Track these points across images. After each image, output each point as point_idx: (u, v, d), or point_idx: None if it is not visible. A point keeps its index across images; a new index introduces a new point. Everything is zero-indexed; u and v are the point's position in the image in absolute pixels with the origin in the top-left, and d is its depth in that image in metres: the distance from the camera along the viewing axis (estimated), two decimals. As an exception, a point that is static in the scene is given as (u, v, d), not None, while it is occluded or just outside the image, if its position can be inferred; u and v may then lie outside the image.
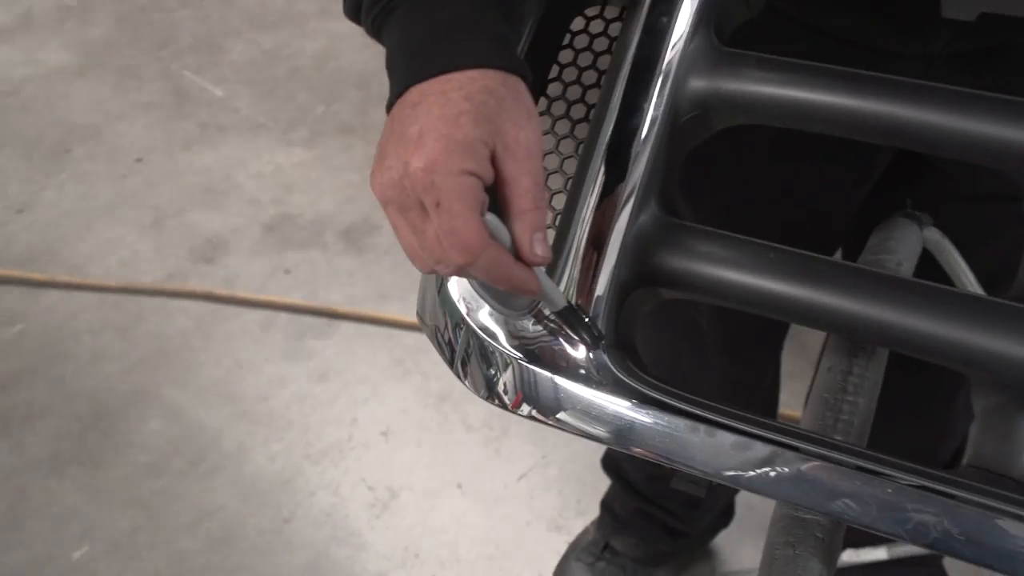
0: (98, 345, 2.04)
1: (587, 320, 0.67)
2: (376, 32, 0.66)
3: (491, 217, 0.59)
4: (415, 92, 0.60)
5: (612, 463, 1.57)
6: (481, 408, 1.89)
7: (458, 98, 0.58)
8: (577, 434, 0.69)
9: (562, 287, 0.68)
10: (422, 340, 2.01)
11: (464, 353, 0.74)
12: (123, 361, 2.01)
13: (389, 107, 0.62)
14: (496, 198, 0.61)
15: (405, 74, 0.61)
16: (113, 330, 2.07)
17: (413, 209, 0.58)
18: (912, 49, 0.82)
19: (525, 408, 0.70)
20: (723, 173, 0.92)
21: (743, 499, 1.63)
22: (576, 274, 0.69)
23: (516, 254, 0.60)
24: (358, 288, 2.16)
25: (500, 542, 1.70)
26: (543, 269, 0.63)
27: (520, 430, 1.85)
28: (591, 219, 0.69)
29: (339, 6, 0.71)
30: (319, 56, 2.87)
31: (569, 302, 0.66)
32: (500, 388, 0.71)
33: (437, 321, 0.77)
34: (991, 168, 0.65)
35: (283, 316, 2.09)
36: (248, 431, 1.87)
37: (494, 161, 0.59)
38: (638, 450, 0.65)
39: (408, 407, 1.91)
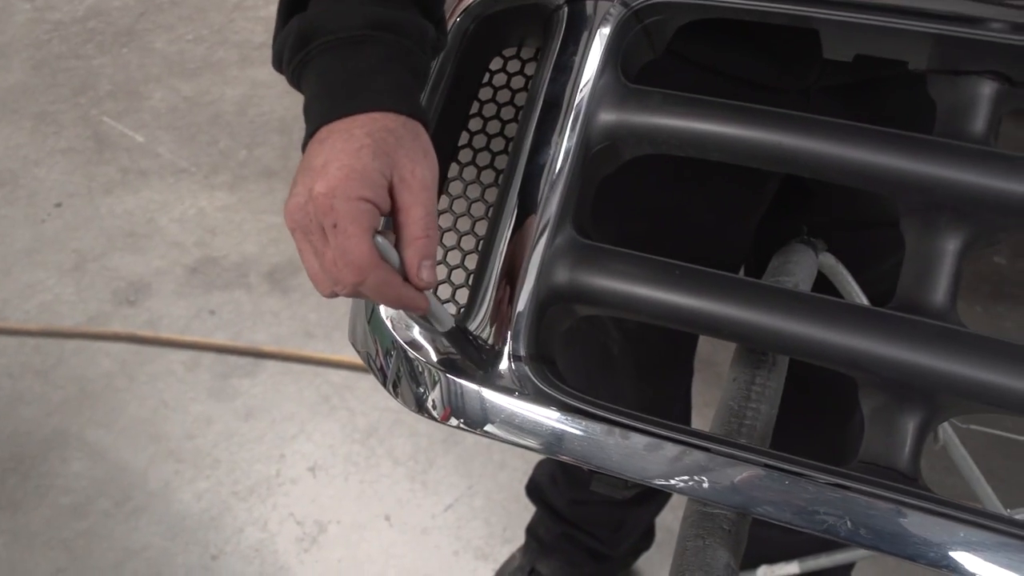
0: (18, 388, 2.01)
1: (473, 342, 0.73)
2: (296, 81, 0.72)
3: (382, 240, 0.64)
4: (324, 131, 0.67)
5: (536, 490, 1.60)
6: (407, 441, 1.91)
7: (360, 134, 0.65)
8: (504, 442, 0.72)
9: (485, 305, 0.73)
10: (348, 377, 2.03)
11: (396, 374, 0.78)
12: (44, 404, 1.98)
13: (304, 147, 0.68)
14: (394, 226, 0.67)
15: (318, 116, 0.68)
16: (33, 373, 2.04)
17: (315, 232, 0.65)
18: (791, 84, 0.89)
19: (454, 420, 0.73)
20: (626, 204, 0.98)
21: (663, 522, 1.68)
22: (498, 292, 0.73)
23: (405, 277, 0.66)
24: (283, 327, 2.17)
25: (429, 572, 1.71)
26: (431, 292, 0.69)
27: (446, 462, 1.88)
28: (512, 242, 0.74)
29: (259, 54, 0.76)
30: (240, 102, 2.88)
31: (457, 325, 0.73)
32: (430, 403, 0.75)
33: (368, 348, 0.81)
34: (870, 194, 0.71)
35: (208, 356, 2.09)
36: (175, 470, 1.86)
37: (391, 192, 0.66)
38: (560, 455, 0.69)
39: (335, 442, 1.92)
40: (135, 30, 3.18)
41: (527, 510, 1.67)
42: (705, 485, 0.65)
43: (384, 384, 0.80)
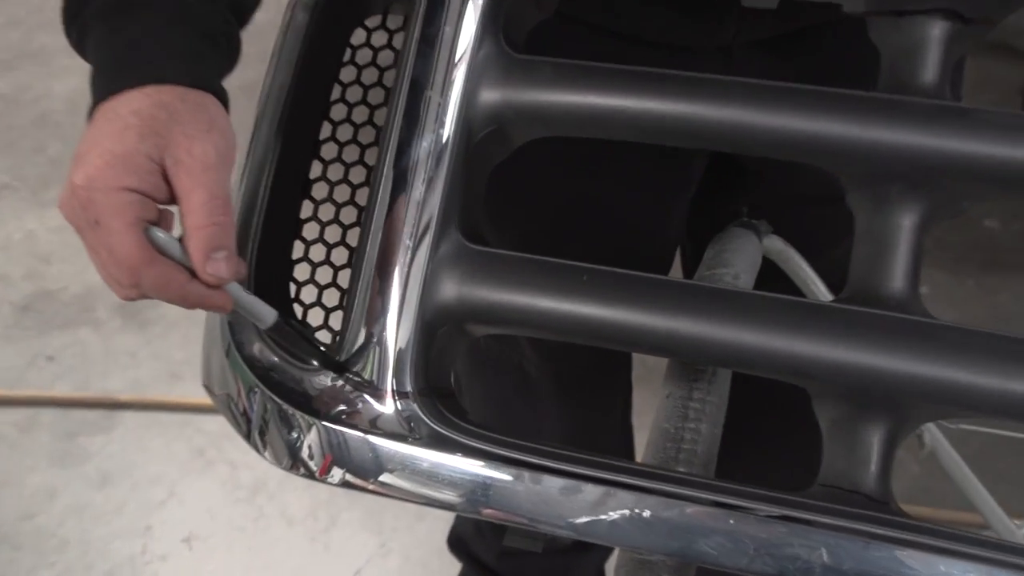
0: None
1: (303, 336, 0.75)
2: (82, 54, 0.73)
3: (159, 233, 0.66)
4: (96, 112, 0.69)
5: (460, 543, 1.60)
6: (304, 496, 1.89)
7: (126, 113, 0.67)
8: (395, 498, 0.72)
9: (360, 332, 0.72)
10: (227, 424, 1.99)
11: (261, 421, 0.77)
12: None
13: None
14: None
15: (94, 94, 0.70)
16: None
17: (86, 230, 0.66)
18: (706, 41, 0.90)
19: (336, 474, 0.72)
20: (526, 197, 0.98)
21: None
22: (374, 316, 0.73)
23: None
24: (143, 370, 2.13)
25: (338, 653, 1.70)
26: (239, 285, 0.70)
27: (352, 517, 1.86)
28: (387, 254, 0.73)
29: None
30: (72, 98, 2.83)
31: (281, 318, 0.73)
32: (305, 455, 0.74)
33: (228, 388, 0.80)
34: (809, 167, 0.72)
35: (48, 413, 2.05)
36: (9, 559, 1.81)
37: (167, 177, 0.67)
38: (461, 510, 0.69)
39: (214, 505, 1.90)
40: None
41: (452, 566, 1.66)
42: (636, 531, 0.65)
43: (247, 437, 0.79)
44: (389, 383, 0.72)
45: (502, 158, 0.78)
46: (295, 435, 0.74)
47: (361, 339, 0.73)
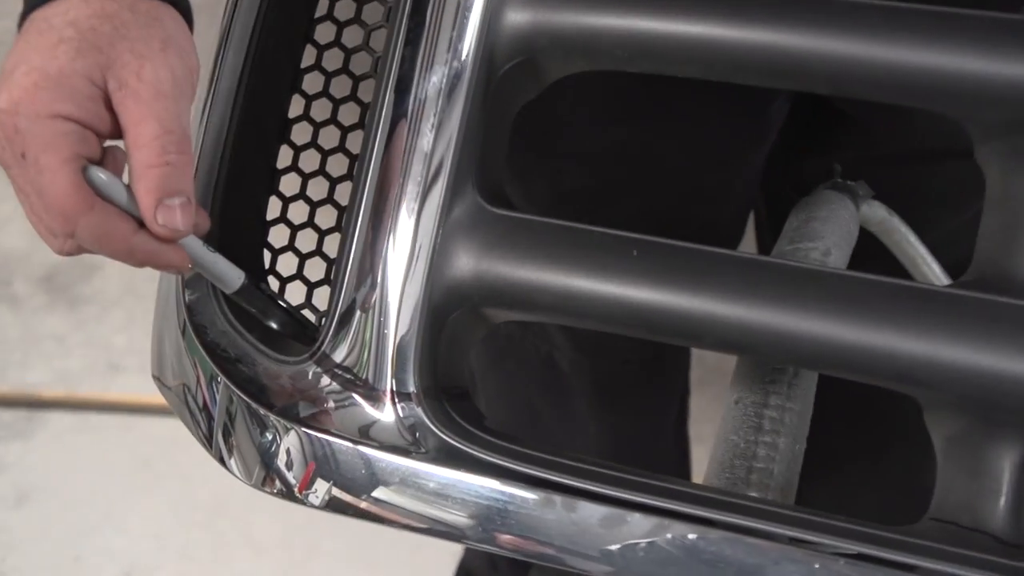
0: None
1: (281, 306, 0.77)
2: None
3: (99, 173, 0.66)
4: (27, 22, 0.69)
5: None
6: (276, 519, 1.90)
7: (60, 24, 0.67)
8: (394, 527, 0.72)
9: (351, 314, 0.72)
10: (179, 427, 1.99)
11: (225, 421, 0.77)
12: None
13: None
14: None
15: (25, 3, 0.69)
16: None
17: (13, 165, 0.67)
18: None
19: (318, 493, 0.73)
20: (558, 145, 0.97)
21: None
22: (368, 295, 0.73)
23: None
24: (73, 359, 2.14)
25: None
26: (199, 241, 0.70)
27: (335, 547, 1.87)
28: (385, 216, 0.73)
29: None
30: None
31: (250, 280, 0.74)
32: (280, 467, 0.74)
33: (185, 378, 0.80)
34: (926, 113, 0.71)
35: (-45, 412, 2.06)
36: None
37: (111, 105, 0.67)
38: (476, 542, 0.69)
39: (163, 529, 1.90)
40: None
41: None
42: (696, 574, 0.65)
43: (208, 440, 0.80)
44: (388, 382, 0.72)
45: (531, 97, 0.78)
46: (268, 442, 0.75)
47: (353, 325, 0.73)
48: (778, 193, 1.11)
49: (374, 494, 0.71)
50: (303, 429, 0.73)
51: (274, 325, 0.76)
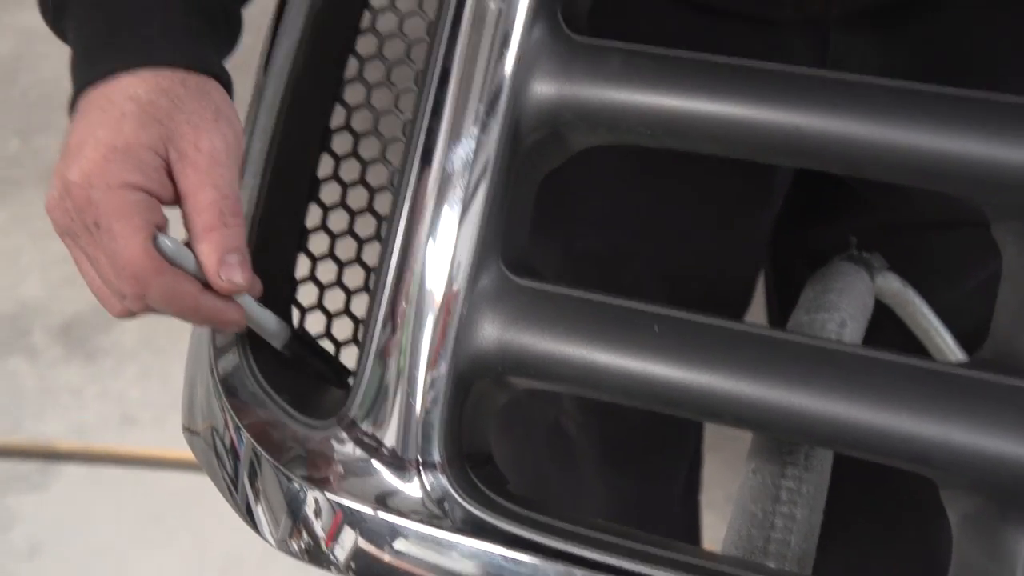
0: None
1: (325, 354, 0.81)
2: (61, 32, 0.78)
3: (168, 239, 0.70)
4: (83, 99, 0.73)
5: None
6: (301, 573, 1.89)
7: (121, 100, 0.71)
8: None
9: (377, 379, 0.73)
10: (194, 482, 2.00)
11: (252, 479, 0.78)
12: None
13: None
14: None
15: (77, 78, 0.74)
16: None
17: (82, 235, 0.71)
18: (790, 13, 0.91)
19: (339, 559, 0.73)
20: (571, 206, 0.98)
21: None
22: (394, 360, 0.73)
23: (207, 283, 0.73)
24: (89, 411, 2.14)
25: None
26: (250, 298, 0.76)
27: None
28: (412, 283, 0.74)
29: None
30: (4, 66, 2.85)
31: (295, 331, 0.79)
32: (303, 529, 0.75)
33: (214, 419, 0.81)
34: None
35: (-30, 463, 2.06)
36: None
37: (172, 173, 0.72)
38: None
39: (174, 586, 1.90)
40: None
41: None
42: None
43: (232, 487, 0.81)
44: (413, 450, 0.72)
45: (555, 166, 0.79)
46: (292, 504, 0.76)
47: (378, 390, 0.74)
48: (786, 261, 1.12)
49: (397, 561, 0.71)
50: (328, 494, 0.74)
51: (316, 374, 0.81)
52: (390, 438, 0.73)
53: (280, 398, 0.78)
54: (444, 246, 0.74)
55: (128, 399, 2.16)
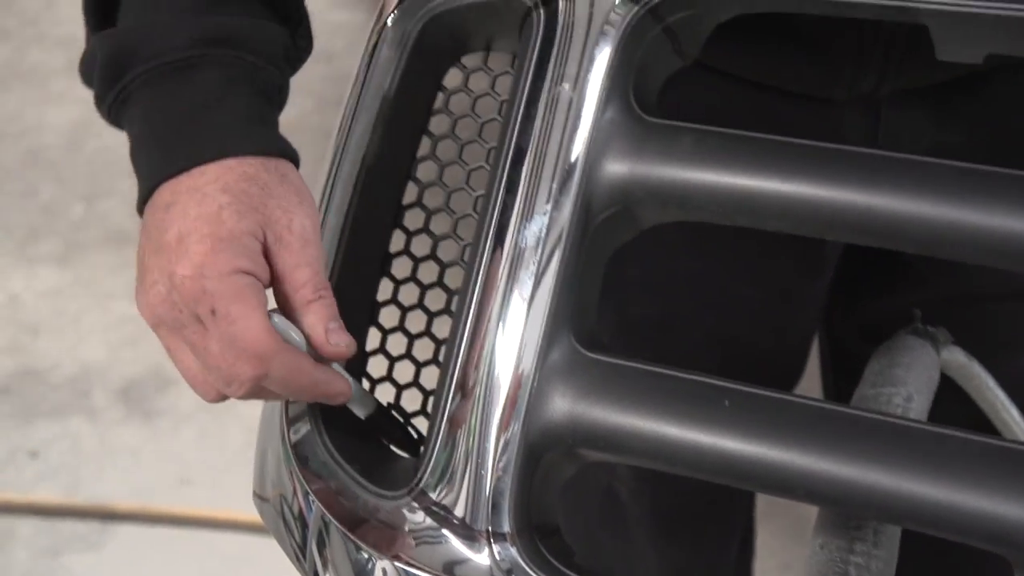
0: None
1: (407, 426, 0.84)
2: (116, 121, 0.81)
3: (278, 318, 0.74)
4: (166, 191, 0.75)
5: None
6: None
7: (214, 191, 0.73)
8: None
9: (446, 450, 0.74)
10: (249, 544, 2.00)
11: (321, 548, 0.79)
12: None
13: (140, 210, 0.77)
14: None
15: (153, 171, 0.76)
16: None
17: (189, 325, 0.73)
18: (842, 91, 0.93)
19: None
20: (628, 276, 0.99)
21: None
22: (465, 432, 0.74)
23: (314, 354, 0.75)
24: (146, 472, 2.15)
25: None
26: (342, 369, 0.78)
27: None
28: (483, 361, 0.75)
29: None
30: (71, 132, 2.87)
31: (379, 404, 0.81)
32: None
33: (283, 487, 0.82)
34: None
35: (28, 523, 2.07)
36: None
37: (267, 255, 0.74)
38: None
39: (228, 648, 1.91)
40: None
41: None
42: None
43: (298, 562, 0.81)
44: (483, 522, 0.73)
45: (625, 241, 0.80)
46: (360, 571, 0.76)
47: (449, 461, 0.75)
48: (841, 332, 1.13)
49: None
50: (396, 563, 0.74)
51: (393, 442, 0.83)
52: (460, 508, 0.74)
53: (351, 467, 0.79)
54: (515, 319, 0.75)
55: (185, 460, 2.17)
